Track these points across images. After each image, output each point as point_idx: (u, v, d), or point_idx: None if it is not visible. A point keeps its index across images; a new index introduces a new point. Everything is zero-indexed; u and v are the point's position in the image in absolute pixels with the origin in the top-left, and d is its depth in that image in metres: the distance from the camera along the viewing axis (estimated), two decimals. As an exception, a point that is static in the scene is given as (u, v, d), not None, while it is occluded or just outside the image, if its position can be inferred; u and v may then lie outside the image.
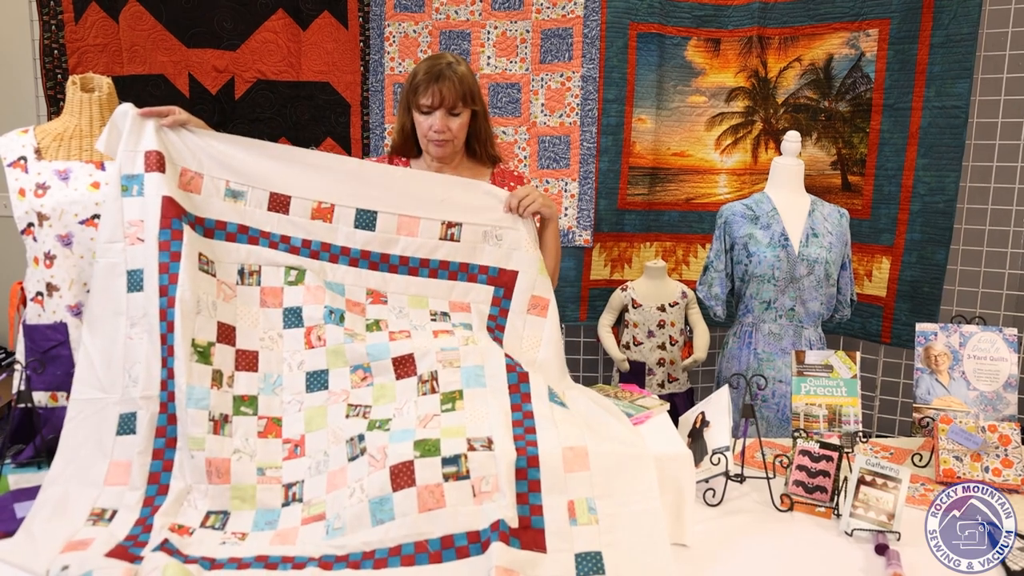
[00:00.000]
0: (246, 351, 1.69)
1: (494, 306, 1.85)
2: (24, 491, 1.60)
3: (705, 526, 1.60)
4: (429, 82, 1.89)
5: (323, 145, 3.04)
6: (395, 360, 1.69)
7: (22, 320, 1.86)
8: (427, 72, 1.90)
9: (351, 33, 3.00)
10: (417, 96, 1.91)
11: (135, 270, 1.66)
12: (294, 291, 1.77)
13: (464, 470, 1.45)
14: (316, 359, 1.71)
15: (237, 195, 1.78)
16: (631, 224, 3.14)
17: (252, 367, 1.68)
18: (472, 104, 1.95)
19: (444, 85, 1.88)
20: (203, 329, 1.63)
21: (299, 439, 1.62)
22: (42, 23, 2.72)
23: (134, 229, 1.67)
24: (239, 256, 1.76)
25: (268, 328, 1.74)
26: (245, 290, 1.74)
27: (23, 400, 1.66)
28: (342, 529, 1.41)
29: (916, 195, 2.89)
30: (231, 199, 1.78)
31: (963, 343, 2.06)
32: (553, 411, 1.60)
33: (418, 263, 1.85)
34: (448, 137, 1.93)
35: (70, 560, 1.34)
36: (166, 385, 1.59)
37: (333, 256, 1.81)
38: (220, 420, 1.59)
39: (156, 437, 1.58)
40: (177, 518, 1.48)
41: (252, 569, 1.36)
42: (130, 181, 1.69)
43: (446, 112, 1.91)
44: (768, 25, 2.99)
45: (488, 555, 1.35)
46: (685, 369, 2.82)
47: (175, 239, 1.65)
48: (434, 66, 1.90)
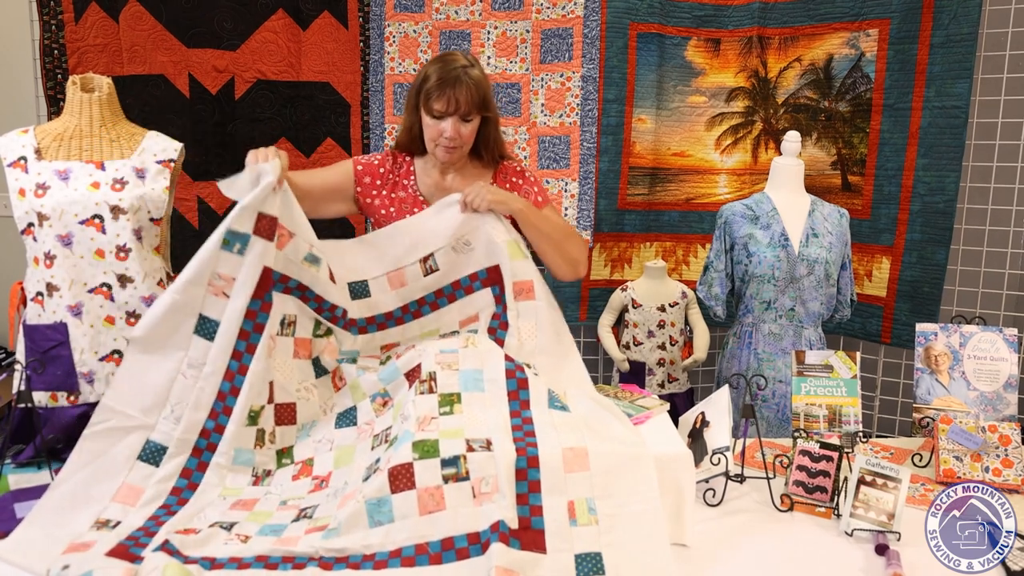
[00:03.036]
0: (284, 404, 1.71)
1: (497, 304, 1.84)
2: (24, 491, 1.60)
3: (705, 526, 1.60)
4: (444, 87, 1.80)
5: (323, 145, 3.04)
6: (407, 374, 1.71)
7: (22, 320, 1.86)
8: (441, 76, 1.81)
9: (351, 33, 3.00)
10: (430, 101, 1.82)
11: (210, 319, 1.64)
12: (320, 343, 1.79)
13: (463, 471, 1.45)
14: (343, 399, 1.75)
15: (314, 261, 1.75)
16: (631, 224, 3.14)
17: (291, 420, 1.71)
18: (485, 110, 1.87)
19: (460, 91, 1.80)
20: (260, 394, 1.65)
21: (326, 475, 1.62)
22: (42, 23, 2.72)
23: (222, 283, 1.64)
24: (285, 307, 1.73)
25: (303, 379, 1.75)
26: (282, 340, 1.73)
27: (23, 400, 1.66)
28: (337, 530, 1.41)
29: (916, 195, 2.89)
30: (308, 263, 1.74)
31: (963, 343, 2.06)
32: (552, 417, 1.60)
33: (417, 305, 1.87)
34: (458, 143, 1.86)
35: (71, 560, 1.34)
36: (209, 435, 1.61)
37: (346, 326, 1.82)
38: (263, 475, 1.63)
39: (180, 477, 1.58)
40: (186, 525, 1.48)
41: (252, 569, 1.36)
42: (234, 237, 1.64)
43: (459, 119, 1.83)
44: (768, 25, 2.99)
45: (488, 556, 1.35)
46: (685, 369, 2.82)
47: (263, 311, 1.66)
48: (449, 70, 1.81)
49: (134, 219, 1.85)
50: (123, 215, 1.83)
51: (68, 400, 1.81)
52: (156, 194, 1.89)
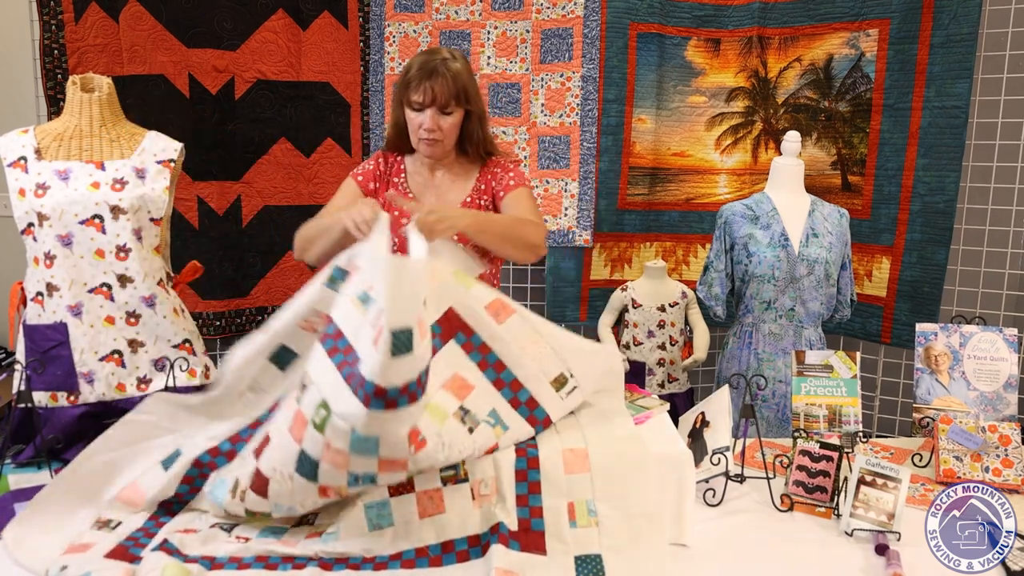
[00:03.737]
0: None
1: (474, 352, 1.57)
2: (24, 491, 1.60)
3: (705, 526, 1.60)
4: (422, 79, 1.80)
5: (323, 145, 3.04)
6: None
7: (22, 320, 1.86)
8: (420, 68, 1.81)
9: (351, 33, 3.00)
10: (409, 91, 1.82)
11: (289, 349, 1.55)
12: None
13: (463, 473, 1.45)
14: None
15: (366, 301, 1.40)
16: (631, 224, 3.14)
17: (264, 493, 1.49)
18: (466, 104, 1.85)
19: (437, 82, 1.79)
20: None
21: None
22: (42, 23, 2.72)
23: (317, 320, 1.51)
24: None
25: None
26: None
27: (23, 400, 1.66)
28: (336, 534, 1.40)
29: (916, 195, 2.89)
30: (359, 302, 1.42)
31: (963, 343, 2.06)
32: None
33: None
34: (438, 137, 1.85)
35: (69, 561, 1.34)
36: (217, 454, 1.53)
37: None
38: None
39: (182, 483, 1.52)
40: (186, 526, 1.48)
41: (252, 569, 1.36)
42: (339, 273, 1.50)
43: (437, 111, 1.82)
44: (768, 25, 2.99)
45: (488, 558, 1.35)
46: (685, 369, 2.82)
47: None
48: (428, 61, 1.81)
49: (134, 219, 1.85)
50: (123, 215, 1.83)
51: (68, 400, 1.81)
52: (156, 194, 1.89)
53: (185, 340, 1.93)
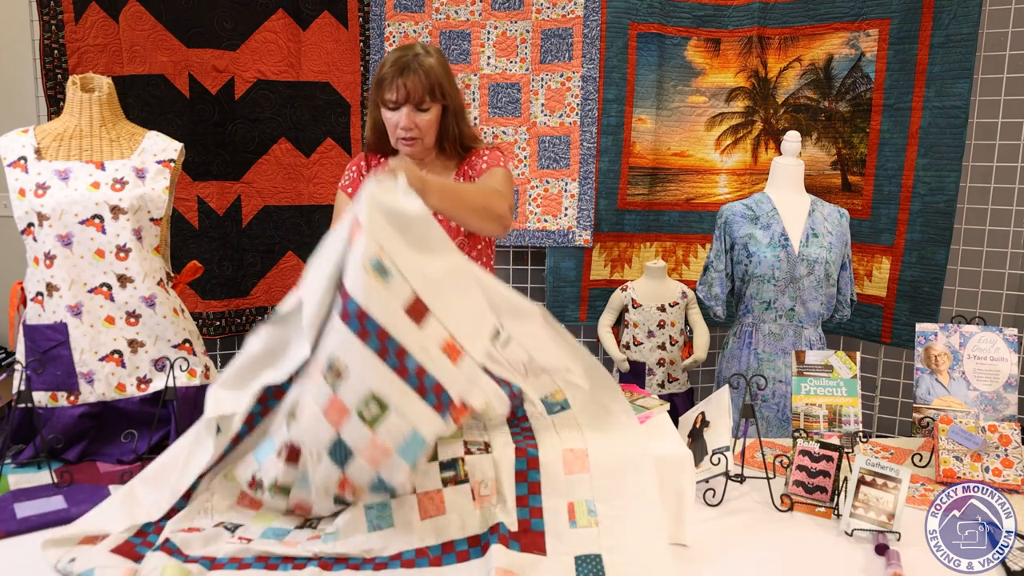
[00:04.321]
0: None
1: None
2: (24, 491, 1.60)
3: (705, 526, 1.60)
4: (394, 76, 1.75)
5: (323, 145, 3.04)
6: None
7: (22, 320, 1.86)
8: (392, 64, 1.77)
9: (351, 33, 3.00)
10: (383, 91, 1.78)
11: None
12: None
13: (462, 473, 1.45)
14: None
15: (384, 272, 1.32)
16: (631, 224, 3.14)
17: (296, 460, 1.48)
18: (441, 99, 1.80)
19: (409, 79, 1.75)
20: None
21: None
22: (42, 23, 2.72)
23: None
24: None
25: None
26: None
27: (23, 400, 1.66)
28: (336, 534, 1.40)
29: (916, 195, 2.89)
30: (376, 272, 1.32)
31: (963, 343, 2.06)
32: (553, 418, 1.60)
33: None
34: (416, 135, 1.81)
35: (78, 554, 1.34)
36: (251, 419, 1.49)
37: None
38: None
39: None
40: (191, 524, 1.48)
41: (252, 569, 1.36)
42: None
43: (413, 108, 1.78)
44: (768, 25, 2.99)
45: (488, 558, 1.35)
46: (685, 369, 2.82)
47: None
48: (400, 58, 1.77)
49: (134, 219, 1.85)
50: (123, 215, 1.83)
51: (68, 400, 1.81)
52: (156, 194, 1.89)
53: (185, 340, 1.93)
